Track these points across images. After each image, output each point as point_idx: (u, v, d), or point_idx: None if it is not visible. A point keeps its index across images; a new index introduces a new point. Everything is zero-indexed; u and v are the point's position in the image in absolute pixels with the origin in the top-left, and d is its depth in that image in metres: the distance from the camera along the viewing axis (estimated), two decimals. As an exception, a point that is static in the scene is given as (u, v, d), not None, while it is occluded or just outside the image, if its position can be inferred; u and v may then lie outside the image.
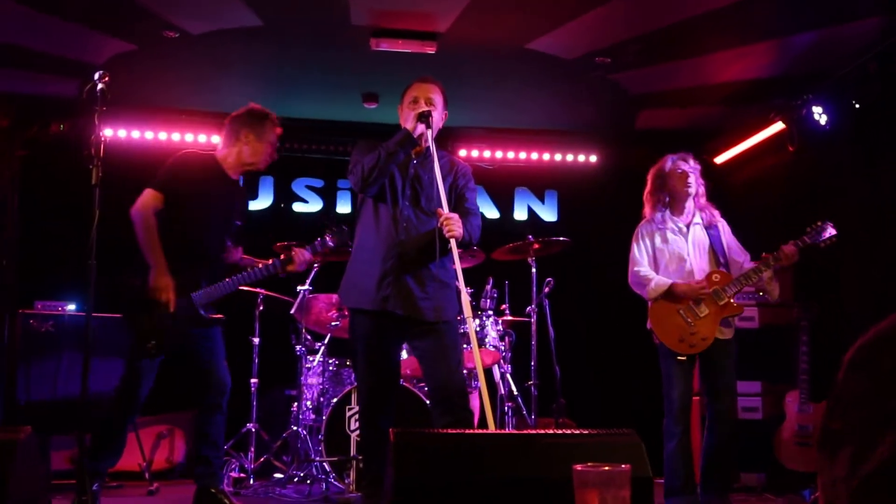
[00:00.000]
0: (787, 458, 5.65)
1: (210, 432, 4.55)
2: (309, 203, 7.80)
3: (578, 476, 1.55)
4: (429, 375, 4.24)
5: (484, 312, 5.84)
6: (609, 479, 1.53)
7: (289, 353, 6.02)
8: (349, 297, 4.27)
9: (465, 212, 4.16)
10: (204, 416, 4.57)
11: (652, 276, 4.91)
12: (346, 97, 6.94)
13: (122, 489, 5.74)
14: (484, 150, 7.78)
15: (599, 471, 1.53)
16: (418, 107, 4.15)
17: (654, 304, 4.92)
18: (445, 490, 2.42)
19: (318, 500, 5.18)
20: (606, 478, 1.53)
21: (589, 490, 1.53)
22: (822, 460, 1.11)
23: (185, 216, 4.46)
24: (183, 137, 7.28)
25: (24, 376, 5.78)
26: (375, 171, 4.07)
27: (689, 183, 4.95)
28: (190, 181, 4.48)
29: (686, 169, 4.96)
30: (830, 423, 1.11)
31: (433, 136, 4.12)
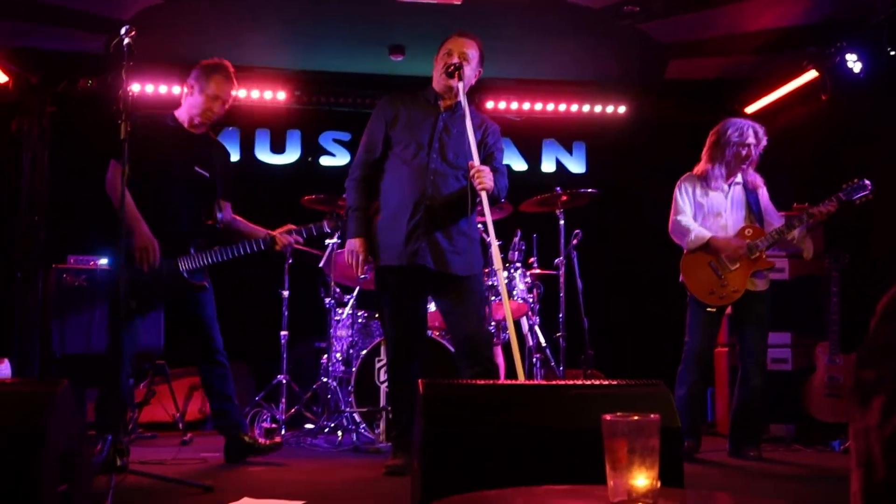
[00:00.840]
0: (816, 409, 5.64)
1: (214, 386, 4.66)
2: (336, 157, 7.78)
3: (608, 426, 1.55)
4: (455, 328, 4.26)
5: (512, 265, 5.84)
6: (638, 429, 1.53)
7: (318, 306, 6.05)
8: (378, 255, 4.29)
9: (493, 170, 4.15)
10: (204, 373, 4.70)
11: (693, 226, 4.96)
12: (372, 50, 6.90)
13: (156, 439, 5.84)
14: (511, 101, 7.71)
15: (629, 420, 1.54)
16: (451, 60, 4.13)
17: (686, 255, 4.96)
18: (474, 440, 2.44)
19: (349, 450, 5.25)
20: (635, 427, 1.53)
21: (618, 439, 1.53)
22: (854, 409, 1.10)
23: (150, 179, 4.40)
24: (210, 92, 7.25)
25: (58, 330, 5.86)
26: None
27: (749, 161, 4.94)
28: (145, 143, 4.30)
29: (752, 149, 4.94)
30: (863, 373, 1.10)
31: (465, 90, 4.10)
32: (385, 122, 4.27)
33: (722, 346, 6.12)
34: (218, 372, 4.65)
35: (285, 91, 7.39)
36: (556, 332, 6.10)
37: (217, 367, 4.64)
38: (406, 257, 4.13)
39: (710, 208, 5.00)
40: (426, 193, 4.14)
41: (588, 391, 2.63)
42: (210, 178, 4.67)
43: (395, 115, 4.27)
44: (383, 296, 4.30)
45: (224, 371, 4.66)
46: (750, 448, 4.93)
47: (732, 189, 5.03)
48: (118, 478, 3.31)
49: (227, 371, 4.68)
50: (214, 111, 4.62)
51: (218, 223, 4.71)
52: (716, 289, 4.87)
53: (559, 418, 2.50)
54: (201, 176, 4.63)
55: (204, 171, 4.64)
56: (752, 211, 5.00)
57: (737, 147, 4.93)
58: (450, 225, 4.16)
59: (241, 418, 4.69)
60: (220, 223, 4.72)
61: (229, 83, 4.63)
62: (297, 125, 7.73)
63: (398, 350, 4.30)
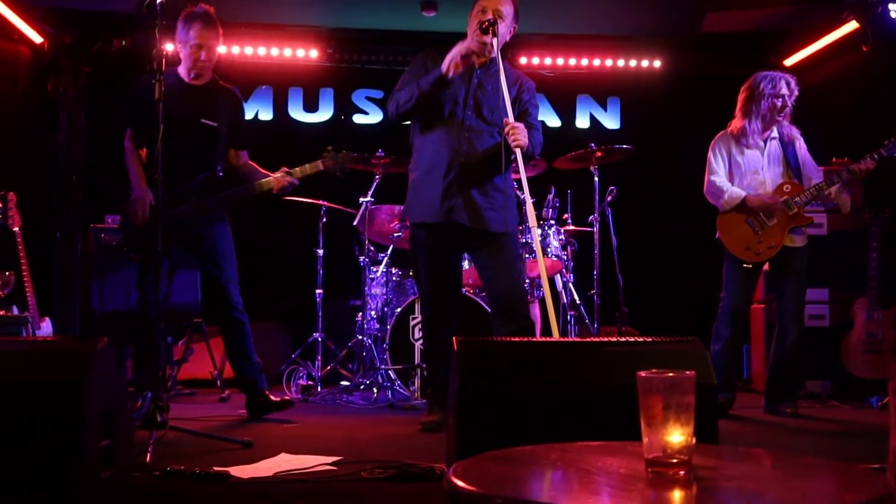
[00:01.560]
0: (854, 365, 5.61)
1: (234, 344, 4.72)
2: (369, 115, 7.76)
3: (643, 382, 1.55)
4: (491, 285, 4.26)
5: (546, 222, 5.81)
6: (673, 385, 1.53)
7: (352, 264, 6.08)
8: (414, 212, 4.28)
9: (528, 126, 4.12)
10: (223, 330, 4.76)
11: (727, 186, 4.94)
12: (404, 5, 6.84)
13: (195, 396, 5.94)
14: (545, 57, 7.62)
15: (664, 377, 1.53)
16: (485, 17, 4.08)
17: (722, 213, 4.92)
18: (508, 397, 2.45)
19: (384, 406, 5.30)
20: (671, 384, 1.53)
21: (653, 396, 1.53)
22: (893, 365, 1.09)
23: (150, 131, 4.41)
24: (243, 51, 7.26)
25: (97, 288, 5.95)
26: (407, 106, 4.11)
27: (784, 113, 4.88)
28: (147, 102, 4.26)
29: (787, 99, 4.87)
30: (903, 329, 1.09)
31: (499, 47, 4.07)
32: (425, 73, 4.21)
33: (759, 302, 6.08)
34: (235, 330, 4.68)
35: (317, 49, 7.37)
36: (590, 289, 6.08)
37: (234, 324, 4.67)
38: (442, 214, 4.13)
39: (748, 166, 4.96)
40: (461, 150, 4.12)
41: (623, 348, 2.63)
42: (216, 128, 4.68)
43: None
44: (418, 253, 4.31)
45: (241, 329, 4.68)
46: (786, 405, 4.92)
47: (769, 144, 4.97)
48: (158, 433, 3.37)
49: (244, 328, 4.69)
50: (201, 59, 4.61)
51: (217, 171, 4.69)
52: (752, 245, 4.85)
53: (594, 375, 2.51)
54: (207, 126, 4.64)
55: (210, 122, 4.65)
56: (789, 166, 4.94)
57: (771, 98, 4.86)
58: (485, 182, 4.15)
59: (259, 375, 4.70)
60: (220, 171, 4.71)
61: (209, 29, 4.61)
62: (329, 83, 7.71)
63: (433, 307, 4.31)
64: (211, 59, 4.66)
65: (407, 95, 4.10)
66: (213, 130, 4.66)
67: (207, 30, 4.60)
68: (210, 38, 4.61)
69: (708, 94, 7.28)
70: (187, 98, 4.62)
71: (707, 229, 5.14)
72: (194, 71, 4.65)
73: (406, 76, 4.26)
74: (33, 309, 5.24)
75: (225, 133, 4.73)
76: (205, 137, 4.64)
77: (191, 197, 4.55)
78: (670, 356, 2.58)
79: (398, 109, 4.15)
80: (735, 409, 5.03)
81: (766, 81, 4.89)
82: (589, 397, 2.43)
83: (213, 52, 4.65)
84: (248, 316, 4.72)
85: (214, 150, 4.71)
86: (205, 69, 4.67)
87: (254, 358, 4.72)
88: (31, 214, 5.78)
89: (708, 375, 2.46)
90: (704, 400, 1.73)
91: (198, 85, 4.69)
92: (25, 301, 5.23)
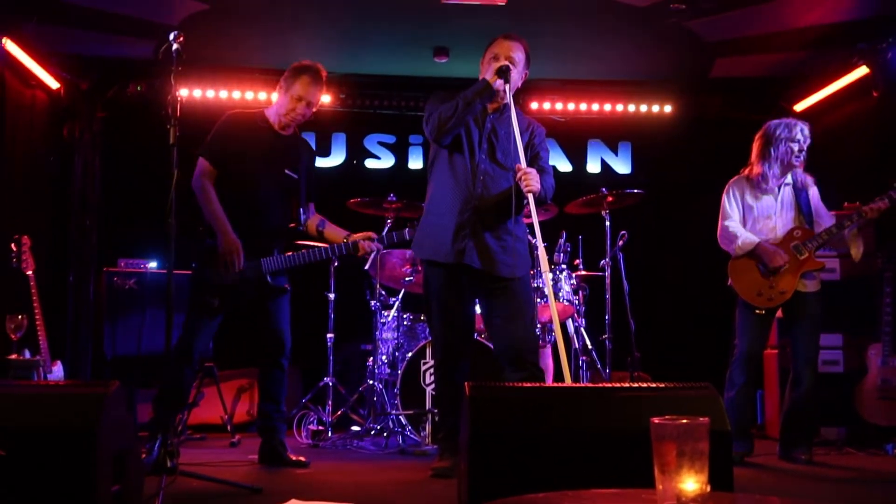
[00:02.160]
0: (868, 411, 5.55)
1: (270, 388, 4.71)
2: (381, 159, 7.82)
3: (656, 429, 1.54)
4: (499, 333, 4.22)
5: (557, 266, 5.81)
6: (687, 432, 1.52)
7: (364, 308, 6.08)
8: (423, 248, 4.28)
9: (539, 170, 4.14)
10: (264, 373, 4.73)
11: (741, 232, 4.94)
12: (416, 52, 6.91)
13: (205, 441, 5.91)
14: (556, 102, 7.68)
15: (678, 423, 1.52)
16: (498, 63, 4.12)
17: (734, 259, 4.92)
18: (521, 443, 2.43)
19: (395, 452, 5.26)
20: (685, 431, 1.52)
21: (666, 443, 1.52)
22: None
23: (237, 176, 4.52)
24: (256, 96, 7.35)
25: (109, 332, 5.97)
26: (452, 120, 4.06)
27: (800, 159, 4.90)
28: (235, 141, 4.54)
29: (802, 144, 4.90)
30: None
31: (511, 92, 4.10)
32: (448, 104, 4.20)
33: (772, 347, 6.04)
34: (277, 375, 4.69)
35: (330, 94, 7.44)
36: (602, 334, 6.06)
37: (277, 369, 4.68)
38: (452, 255, 4.13)
39: (761, 212, 4.97)
40: (475, 193, 4.14)
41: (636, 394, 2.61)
42: (297, 180, 4.70)
43: None
44: (430, 296, 4.30)
45: (282, 375, 4.70)
46: (801, 451, 4.87)
47: (783, 190, 4.99)
48: (168, 479, 3.35)
49: (285, 376, 4.72)
50: (298, 112, 4.60)
51: (300, 225, 4.73)
52: (764, 290, 4.83)
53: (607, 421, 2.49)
54: (290, 178, 4.66)
55: (293, 174, 4.67)
56: (801, 211, 4.95)
57: (787, 143, 4.88)
58: (498, 225, 4.16)
59: (281, 424, 4.70)
60: (301, 225, 4.74)
61: (316, 86, 4.60)
62: (342, 128, 7.78)
63: (445, 351, 4.29)
64: (307, 115, 4.66)
65: (449, 110, 4.07)
66: (294, 182, 4.68)
67: (314, 86, 4.59)
68: (314, 94, 4.61)
69: (719, 139, 7.31)
70: (276, 147, 4.64)
71: (719, 274, 5.12)
72: (285, 120, 4.62)
73: (432, 105, 4.23)
74: (45, 352, 5.25)
75: (304, 185, 4.75)
76: (286, 188, 4.65)
77: (273, 249, 4.57)
78: (684, 402, 2.56)
79: (441, 121, 4.08)
80: (752, 455, 4.98)
81: (783, 127, 4.92)
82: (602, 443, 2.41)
83: (311, 108, 4.65)
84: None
85: (294, 201, 4.73)
86: (295, 122, 4.66)
87: (282, 406, 4.72)
88: (46, 257, 5.82)
89: (722, 422, 2.44)
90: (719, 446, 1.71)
91: (284, 135, 4.69)
92: (38, 344, 5.24)
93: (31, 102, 6.55)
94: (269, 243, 4.57)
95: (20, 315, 5.13)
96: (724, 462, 2.37)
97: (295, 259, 4.61)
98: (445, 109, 4.07)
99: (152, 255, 6.30)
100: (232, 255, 4.41)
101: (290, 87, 4.58)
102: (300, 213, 4.74)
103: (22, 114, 6.37)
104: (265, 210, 4.58)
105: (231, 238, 4.42)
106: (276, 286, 4.59)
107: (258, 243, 4.51)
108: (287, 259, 4.59)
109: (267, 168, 4.57)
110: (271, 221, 4.60)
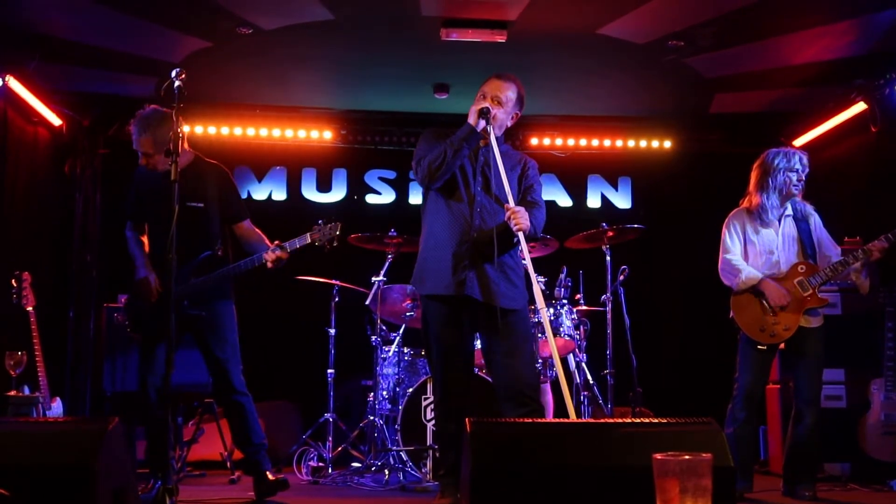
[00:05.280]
0: (872, 447, 5.51)
1: (233, 428, 4.72)
2: (382, 195, 7.84)
3: (659, 465, 1.53)
4: (499, 369, 4.18)
5: (558, 301, 5.81)
6: (690, 468, 1.51)
7: (364, 343, 6.07)
8: (423, 283, 4.26)
9: (530, 204, 4.15)
10: (225, 412, 4.80)
11: (743, 266, 4.89)
12: (417, 88, 6.96)
13: (205, 478, 5.87)
14: (556, 138, 7.72)
15: (680, 459, 1.51)
16: (482, 103, 4.15)
17: (736, 293, 4.88)
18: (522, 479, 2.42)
19: (396, 488, 5.22)
20: (687, 466, 1.51)
21: (669, 479, 1.51)
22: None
23: (144, 223, 4.82)
24: (258, 132, 7.40)
25: (109, 368, 5.95)
26: (443, 168, 4.08)
27: (799, 188, 4.89)
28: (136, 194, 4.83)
29: (800, 172, 4.88)
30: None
31: (499, 133, 4.12)
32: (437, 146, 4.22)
33: (774, 383, 6.02)
34: (234, 411, 4.65)
35: (331, 130, 7.49)
36: (603, 369, 6.04)
37: (231, 409, 4.66)
38: (453, 287, 4.11)
39: (763, 245, 4.92)
40: (473, 225, 4.14)
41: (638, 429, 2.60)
42: (204, 208, 4.69)
43: None
44: (429, 333, 4.28)
45: (241, 411, 4.63)
46: (805, 488, 4.81)
47: (784, 222, 4.95)
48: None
49: (244, 410, 4.63)
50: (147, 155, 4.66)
51: (217, 250, 4.70)
52: (767, 326, 4.80)
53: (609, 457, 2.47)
54: (194, 208, 4.63)
55: (196, 203, 4.65)
56: (804, 244, 4.92)
57: (786, 172, 4.86)
58: (497, 258, 4.15)
59: (261, 458, 4.64)
60: (219, 250, 4.71)
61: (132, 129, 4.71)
62: (342, 164, 7.81)
63: (445, 388, 4.27)
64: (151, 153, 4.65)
65: (438, 158, 4.09)
66: (200, 211, 4.67)
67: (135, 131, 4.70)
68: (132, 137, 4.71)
69: (718, 174, 7.33)
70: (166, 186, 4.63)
71: (721, 308, 5.10)
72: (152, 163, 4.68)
73: (422, 148, 4.27)
74: (45, 389, 5.23)
75: (216, 211, 4.75)
76: (193, 219, 4.61)
77: (189, 277, 4.57)
78: (686, 438, 2.55)
79: (431, 169, 4.08)
80: (753, 492, 4.93)
81: (781, 157, 4.90)
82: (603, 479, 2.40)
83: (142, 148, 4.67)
84: (253, 395, 4.69)
85: (207, 229, 4.71)
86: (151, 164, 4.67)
87: (255, 440, 4.64)
88: (46, 293, 5.81)
89: (725, 458, 2.43)
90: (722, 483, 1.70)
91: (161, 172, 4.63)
92: (37, 381, 5.23)
93: (33, 139, 6.58)
94: (183, 273, 4.52)
95: (20, 352, 5.12)
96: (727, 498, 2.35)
97: (204, 282, 4.59)
98: (434, 157, 4.09)
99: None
100: (143, 285, 4.61)
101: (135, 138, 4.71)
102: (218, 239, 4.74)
103: (24, 150, 6.40)
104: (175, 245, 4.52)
105: (143, 270, 4.65)
106: (191, 314, 4.55)
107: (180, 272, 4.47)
108: (195, 285, 4.57)
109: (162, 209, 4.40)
110: (188, 252, 4.48)
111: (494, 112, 4.12)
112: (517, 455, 2.47)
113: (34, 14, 5.53)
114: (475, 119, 4.10)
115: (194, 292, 4.56)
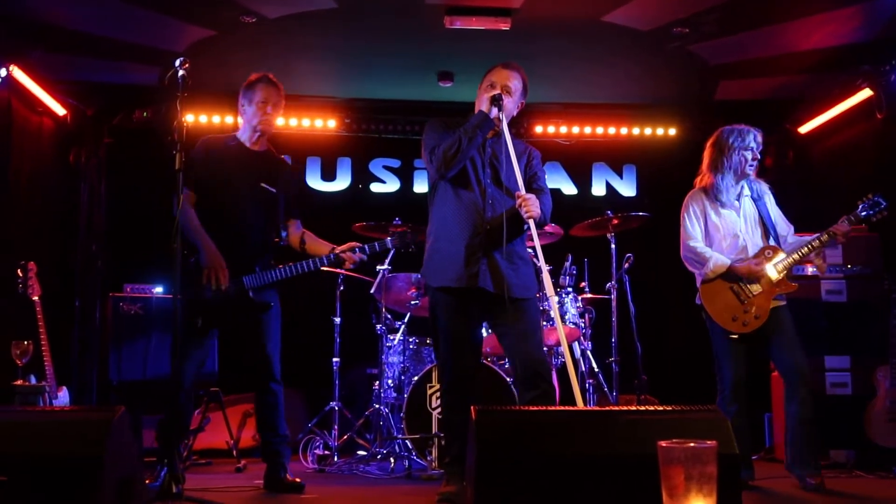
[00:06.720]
0: (877, 434, 5.51)
1: (264, 415, 4.67)
2: (386, 183, 7.84)
3: (664, 452, 1.53)
4: (514, 352, 4.21)
5: (563, 289, 5.81)
6: (695, 456, 1.51)
7: (370, 332, 6.07)
8: (435, 276, 4.26)
9: (537, 191, 4.17)
10: (257, 399, 4.71)
11: (709, 253, 4.79)
12: (421, 76, 6.95)
13: (211, 466, 5.89)
14: (560, 125, 7.71)
15: (685, 447, 1.51)
16: (493, 92, 4.15)
17: (706, 281, 4.82)
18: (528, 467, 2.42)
19: (401, 477, 5.23)
20: (692, 454, 1.51)
21: (674, 466, 1.51)
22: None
23: (213, 196, 4.55)
24: (262, 121, 7.39)
25: (115, 357, 5.96)
26: (459, 156, 4.08)
27: (753, 167, 4.84)
28: (207, 163, 4.57)
29: (754, 151, 4.83)
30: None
31: (506, 120, 4.12)
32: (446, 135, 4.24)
33: (774, 369, 6.01)
34: (268, 401, 4.64)
35: (335, 119, 7.48)
36: (608, 357, 6.04)
37: (268, 395, 4.63)
38: (466, 279, 4.12)
39: (727, 229, 4.83)
40: (485, 216, 4.14)
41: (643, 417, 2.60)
42: (275, 195, 4.70)
43: None
44: (437, 324, 4.28)
45: (274, 400, 4.63)
46: (810, 475, 4.73)
47: (743, 203, 4.87)
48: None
49: (278, 399, 4.64)
50: (269, 115, 4.65)
51: (282, 241, 4.73)
52: (739, 315, 4.69)
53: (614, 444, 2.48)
54: (266, 192, 4.66)
55: (270, 188, 4.67)
56: (766, 225, 4.85)
57: (741, 151, 4.79)
58: (507, 247, 4.16)
59: (283, 448, 4.67)
60: (284, 241, 4.74)
61: (274, 88, 4.67)
62: (347, 152, 7.81)
63: (452, 375, 4.27)
64: (274, 117, 4.69)
65: (454, 145, 4.08)
66: (271, 196, 4.68)
67: (273, 88, 4.67)
68: (275, 95, 4.67)
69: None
70: (248, 163, 4.66)
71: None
72: (260, 128, 4.66)
73: (432, 138, 4.26)
74: (51, 378, 5.25)
75: (283, 200, 4.76)
76: (264, 203, 4.65)
77: (254, 265, 4.56)
78: (691, 425, 2.55)
79: (447, 157, 4.07)
80: (758, 479, 4.92)
81: (735, 135, 4.84)
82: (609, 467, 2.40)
83: (278, 109, 4.69)
84: None
85: (274, 216, 4.73)
86: (269, 127, 4.69)
87: (282, 430, 4.66)
88: (52, 283, 5.82)
89: (730, 445, 2.43)
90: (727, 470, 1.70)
91: (257, 151, 4.72)
92: (43, 370, 5.24)
93: (37, 129, 6.59)
94: (251, 260, 4.55)
95: (26, 341, 5.13)
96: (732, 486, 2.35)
97: (277, 274, 4.58)
98: (448, 146, 4.09)
99: (158, 281, 6.30)
100: (215, 268, 4.42)
101: (251, 97, 4.66)
102: (282, 229, 4.75)
103: (29, 140, 6.40)
104: (244, 226, 4.56)
105: (213, 251, 4.43)
106: (259, 302, 4.56)
107: (239, 261, 4.50)
108: (269, 275, 4.57)
109: (241, 182, 4.57)
110: (251, 237, 4.58)
111: (504, 101, 4.13)
112: (522, 443, 2.48)
113: (38, 4, 5.53)
114: (488, 106, 4.11)
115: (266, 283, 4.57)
